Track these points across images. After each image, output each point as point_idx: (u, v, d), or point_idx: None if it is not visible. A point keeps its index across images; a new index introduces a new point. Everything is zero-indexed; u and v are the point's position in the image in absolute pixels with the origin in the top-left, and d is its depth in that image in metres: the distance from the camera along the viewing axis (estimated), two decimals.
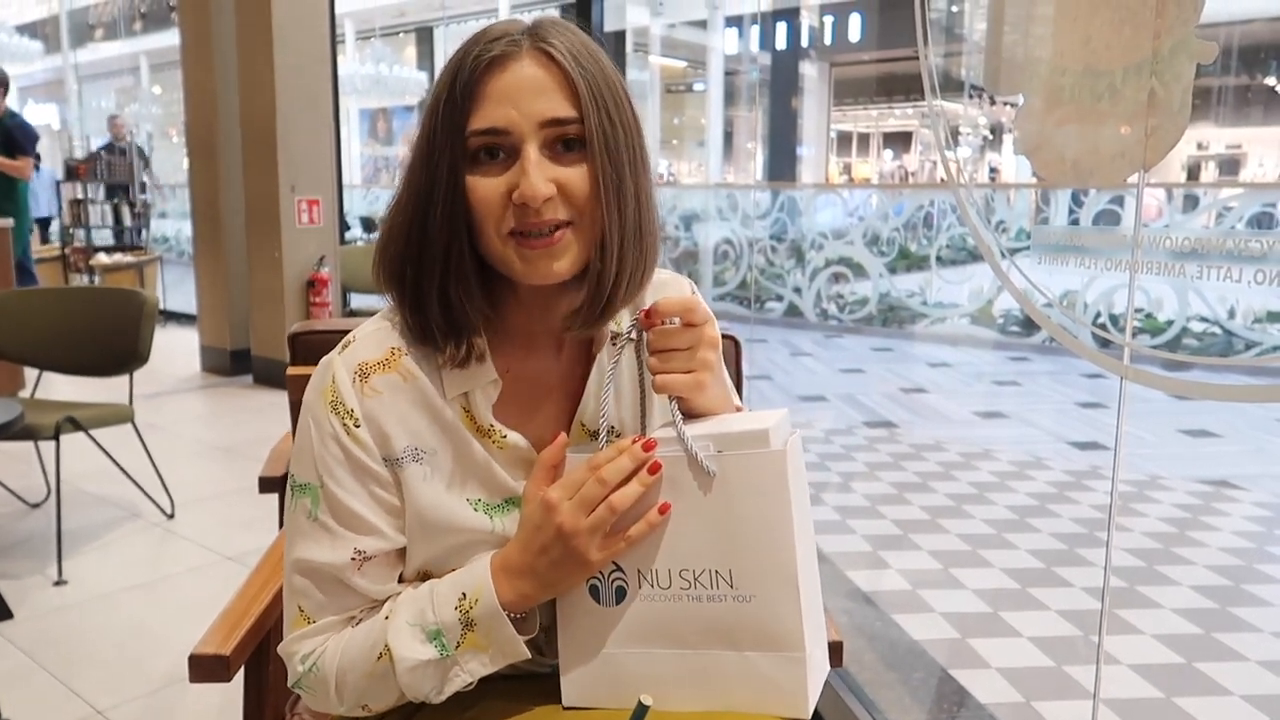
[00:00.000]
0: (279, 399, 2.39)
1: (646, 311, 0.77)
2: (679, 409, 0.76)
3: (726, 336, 1.17)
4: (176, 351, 5.59)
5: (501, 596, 0.74)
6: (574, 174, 0.74)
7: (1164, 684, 2.03)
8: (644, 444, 0.74)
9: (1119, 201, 5.24)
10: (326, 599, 0.79)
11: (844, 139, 19.42)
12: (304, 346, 1.33)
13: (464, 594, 0.76)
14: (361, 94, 11.44)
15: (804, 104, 14.22)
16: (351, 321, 0.97)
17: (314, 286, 4.82)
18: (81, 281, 6.67)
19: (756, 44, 11.57)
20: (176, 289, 7.21)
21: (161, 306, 6.54)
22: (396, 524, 0.79)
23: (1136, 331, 4.69)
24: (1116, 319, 4.73)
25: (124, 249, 7.04)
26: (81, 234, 6.94)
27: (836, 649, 0.93)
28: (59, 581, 2.50)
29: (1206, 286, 5.01)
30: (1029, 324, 6.02)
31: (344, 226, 6.11)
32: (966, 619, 2.33)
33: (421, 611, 0.76)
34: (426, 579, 0.80)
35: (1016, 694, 1.99)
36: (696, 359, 0.76)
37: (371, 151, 16.01)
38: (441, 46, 14.68)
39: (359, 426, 0.77)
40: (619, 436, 0.82)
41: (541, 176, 0.72)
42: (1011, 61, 1.32)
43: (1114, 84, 1.09)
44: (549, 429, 0.81)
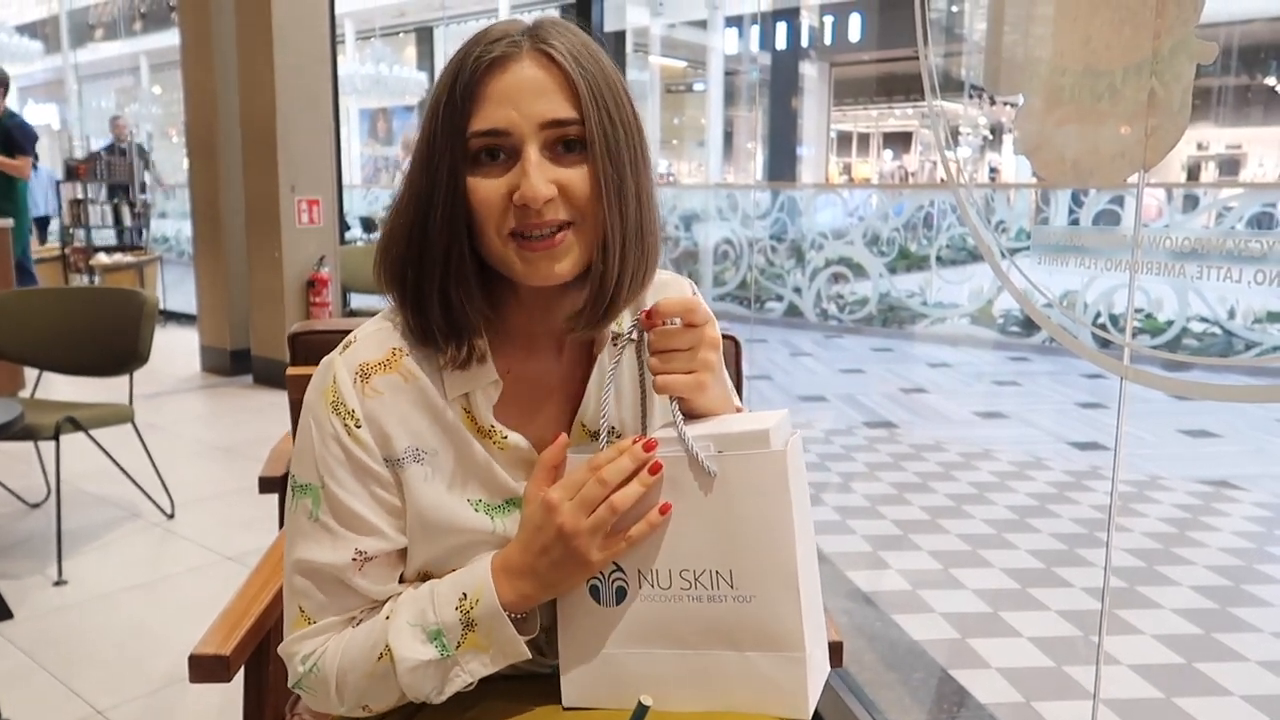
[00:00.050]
0: (279, 399, 2.39)
1: (647, 312, 0.77)
2: (680, 409, 0.76)
3: (726, 337, 1.17)
4: (176, 351, 5.59)
5: (502, 597, 0.74)
6: (575, 175, 0.74)
7: (1164, 684, 2.03)
8: (645, 444, 0.74)
9: (1119, 201, 5.24)
10: (327, 599, 0.79)
11: (844, 139, 19.42)
12: (304, 346, 1.33)
13: (465, 594, 0.76)
14: (361, 94, 11.44)
15: (804, 104, 14.22)
16: (351, 321, 0.97)
17: (314, 286, 4.82)
18: (81, 281, 6.67)
19: (756, 44, 11.56)
20: (176, 289, 7.21)
21: (161, 306, 6.54)
22: (397, 524, 0.79)
23: (1136, 332, 4.69)
24: (1116, 319, 4.73)
25: (124, 249, 7.04)
26: (81, 234, 6.94)
27: (836, 649, 0.93)
28: (59, 581, 2.50)
29: (1206, 287, 5.01)
30: (1029, 324, 6.01)
31: (344, 226, 6.11)
32: (966, 619, 2.33)
33: (422, 612, 0.76)
34: (427, 579, 0.80)
35: (1016, 694, 1.99)
36: (697, 359, 0.76)
37: (371, 151, 16.01)
38: (441, 46, 14.68)
39: (360, 427, 0.77)
40: (619, 437, 0.82)
41: (542, 177, 0.72)
42: (1011, 61, 1.32)
43: (1114, 84, 1.09)
44: (550, 430, 0.81)
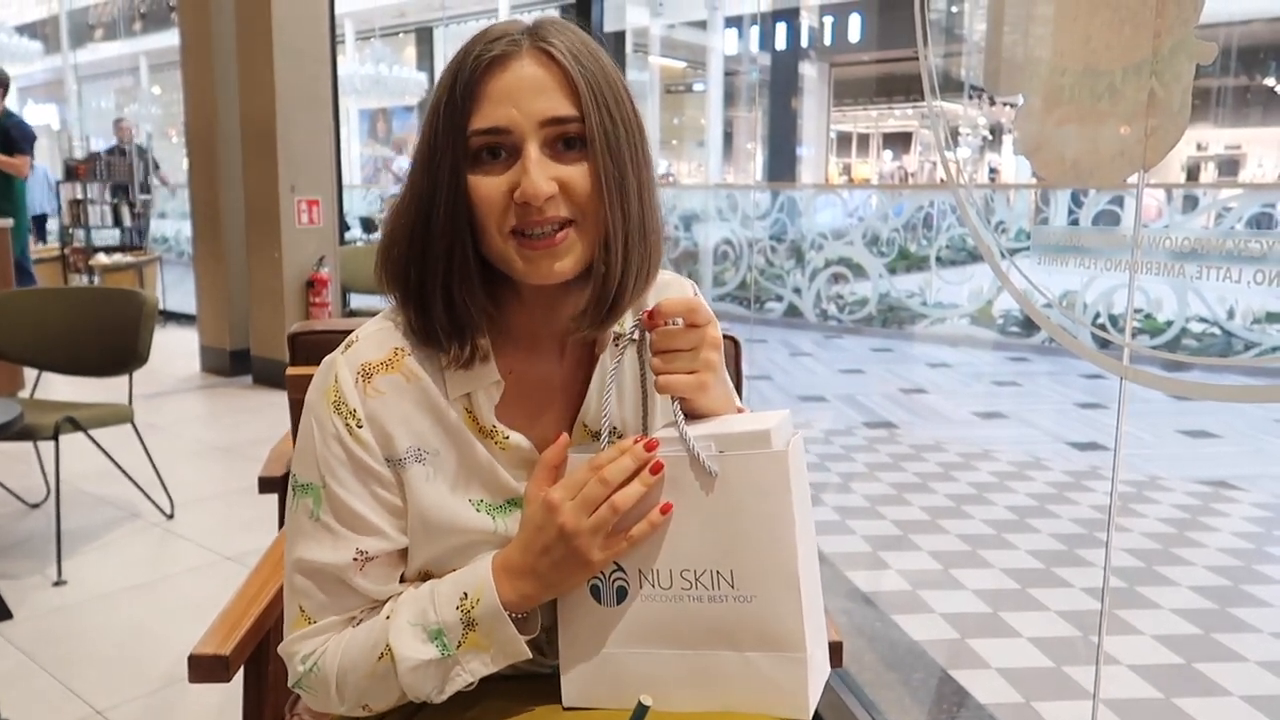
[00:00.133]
0: (279, 399, 2.39)
1: (649, 312, 0.77)
2: (681, 409, 0.76)
3: (726, 337, 1.17)
4: (176, 352, 5.59)
5: (503, 596, 0.74)
6: (575, 172, 0.74)
7: (1163, 684, 2.03)
8: (646, 444, 0.74)
9: (1118, 202, 5.24)
10: (328, 599, 0.79)
11: (844, 139, 19.43)
12: (303, 347, 1.33)
13: (465, 594, 0.75)
14: (361, 94, 11.44)
15: (804, 104, 14.23)
16: (351, 322, 0.97)
17: (314, 287, 4.82)
18: (81, 282, 6.67)
19: (756, 44, 11.56)
20: (176, 289, 7.21)
21: (161, 306, 6.54)
22: (399, 524, 0.79)
23: (1136, 332, 4.69)
24: (1116, 319, 4.73)
25: (124, 249, 7.04)
26: (81, 234, 6.94)
27: (836, 649, 0.93)
28: (58, 582, 2.50)
29: (1206, 287, 5.02)
30: (1029, 324, 6.01)
31: (344, 227, 6.11)
32: (966, 619, 2.33)
33: (423, 611, 0.76)
34: (427, 579, 0.80)
35: (1016, 694, 1.99)
36: (699, 360, 0.76)
37: (371, 151, 16.00)
38: (441, 47, 14.68)
39: (362, 427, 0.77)
40: (621, 437, 0.82)
41: (543, 175, 0.72)
42: (1011, 61, 1.32)
43: (1114, 84, 1.09)
44: (551, 430, 0.81)
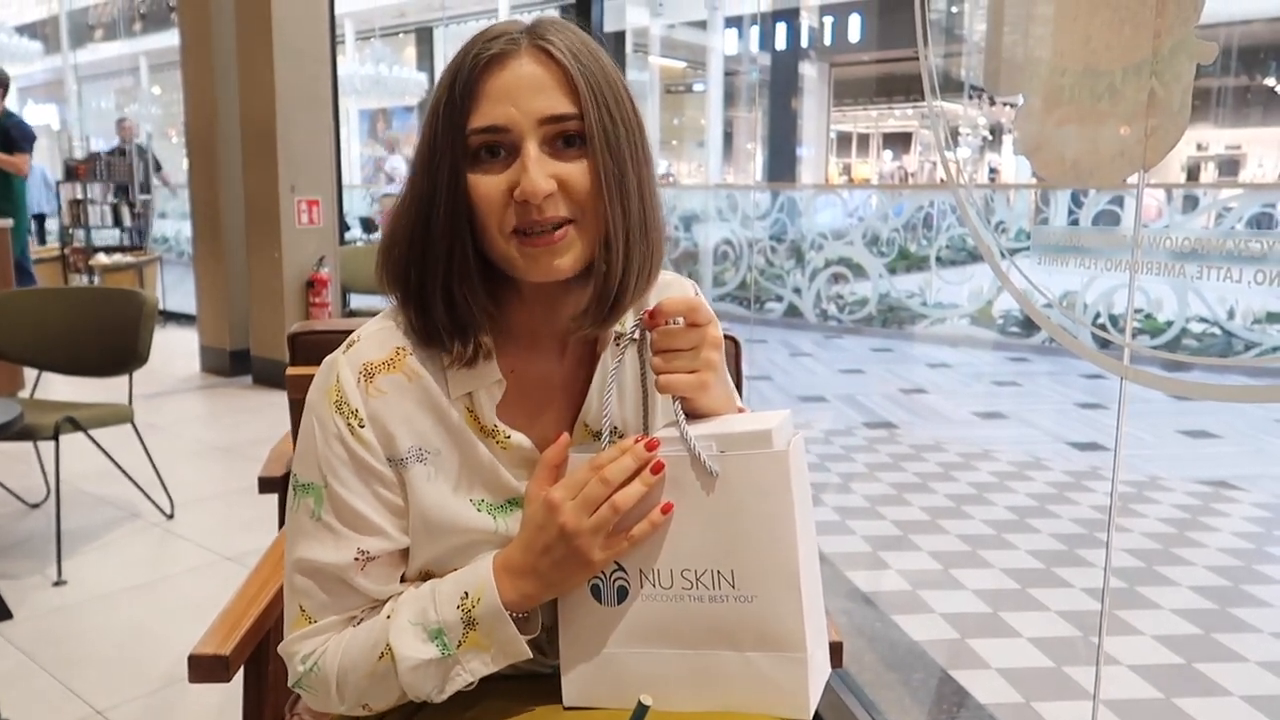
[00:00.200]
0: (278, 399, 2.39)
1: (650, 311, 0.77)
2: (682, 409, 0.76)
3: (727, 337, 1.17)
4: (176, 352, 5.59)
5: (503, 596, 0.74)
6: (574, 170, 0.74)
7: (1164, 685, 2.03)
8: (647, 444, 0.74)
9: (1118, 202, 5.24)
10: (329, 599, 0.79)
11: (844, 139, 19.43)
12: (303, 347, 1.33)
13: (466, 593, 0.75)
14: (361, 94, 11.44)
15: (804, 104, 14.23)
16: (351, 322, 0.97)
17: (314, 287, 4.82)
18: (81, 282, 6.67)
19: (756, 44, 11.56)
20: (176, 289, 7.21)
21: (161, 307, 6.54)
22: (400, 524, 0.79)
23: (1136, 332, 4.69)
24: (1116, 319, 4.73)
25: (124, 249, 7.04)
26: (81, 234, 6.94)
27: (836, 650, 0.93)
28: (58, 582, 2.50)
29: (1206, 287, 5.02)
30: (1029, 324, 6.01)
31: (344, 227, 6.11)
32: (966, 620, 2.33)
33: (423, 610, 0.76)
34: (428, 579, 0.80)
35: (1016, 695, 1.99)
36: (700, 359, 0.76)
37: (371, 152, 16.00)
38: (441, 47, 14.68)
39: (364, 426, 0.77)
40: (622, 437, 0.82)
41: (542, 173, 0.72)
42: (1011, 61, 1.32)
43: (1114, 84, 1.09)
44: (552, 429, 0.81)
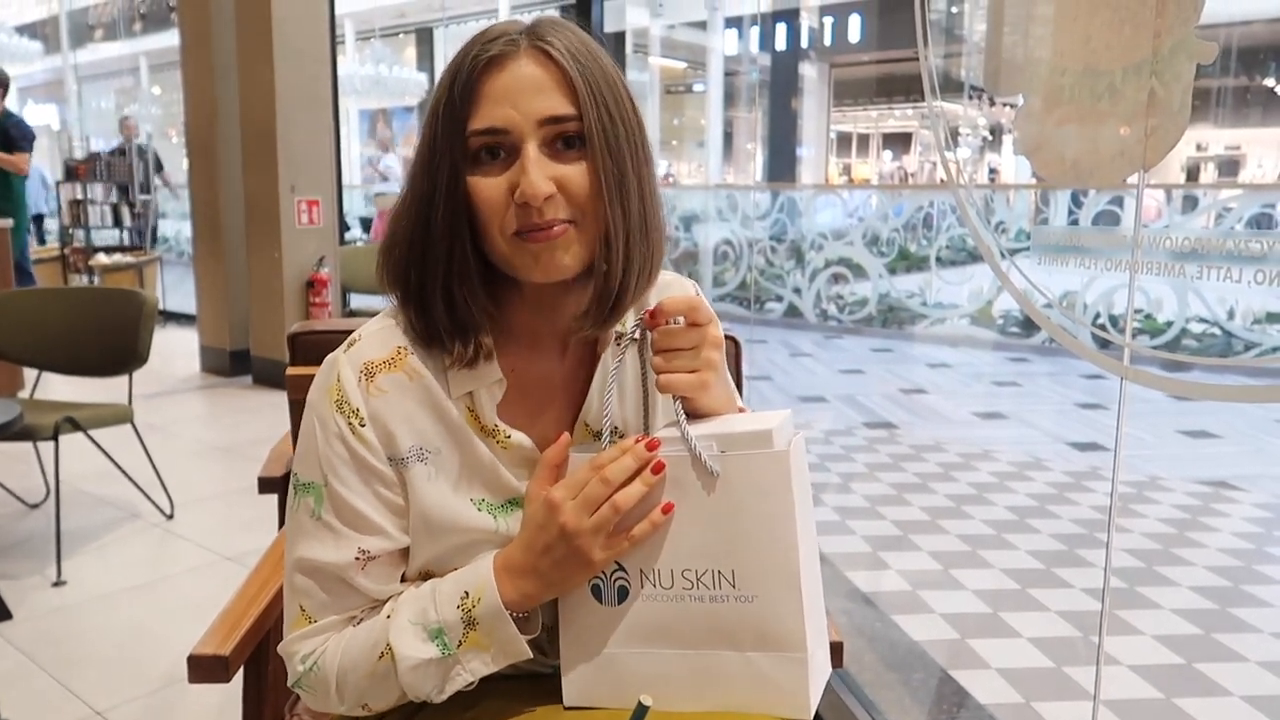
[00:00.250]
0: (278, 399, 2.39)
1: (651, 311, 0.77)
2: (683, 409, 0.76)
3: (727, 337, 1.17)
4: (176, 352, 5.59)
5: (504, 596, 0.74)
6: (574, 171, 0.74)
7: (1164, 685, 2.03)
8: (648, 444, 0.74)
9: (1118, 202, 5.24)
10: (329, 599, 0.78)
11: (844, 140, 19.43)
12: (303, 347, 1.33)
13: (466, 593, 0.75)
14: (361, 94, 11.44)
15: (804, 105, 14.23)
16: (351, 322, 0.97)
17: (314, 287, 4.82)
18: (81, 282, 6.67)
19: (756, 45, 11.56)
20: (176, 289, 7.21)
21: (161, 307, 6.54)
22: (401, 524, 0.79)
23: (1136, 332, 4.69)
24: (1116, 319, 4.73)
25: (125, 249, 7.04)
26: (81, 234, 6.94)
27: (837, 650, 0.93)
28: (58, 582, 2.50)
29: (1206, 287, 5.02)
30: (1029, 325, 6.01)
31: (344, 227, 6.11)
32: (966, 620, 2.33)
33: (424, 610, 0.76)
34: (429, 578, 0.80)
35: (1016, 695, 1.99)
36: (701, 359, 0.76)
37: (371, 152, 16.00)
38: (441, 47, 14.67)
39: (364, 426, 0.77)
40: (622, 436, 0.82)
41: (541, 174, 0.72)
42: (1011, 62, 1.32)
43: (1114, 84, 1.09)
44: (553, 429, 0.81)
